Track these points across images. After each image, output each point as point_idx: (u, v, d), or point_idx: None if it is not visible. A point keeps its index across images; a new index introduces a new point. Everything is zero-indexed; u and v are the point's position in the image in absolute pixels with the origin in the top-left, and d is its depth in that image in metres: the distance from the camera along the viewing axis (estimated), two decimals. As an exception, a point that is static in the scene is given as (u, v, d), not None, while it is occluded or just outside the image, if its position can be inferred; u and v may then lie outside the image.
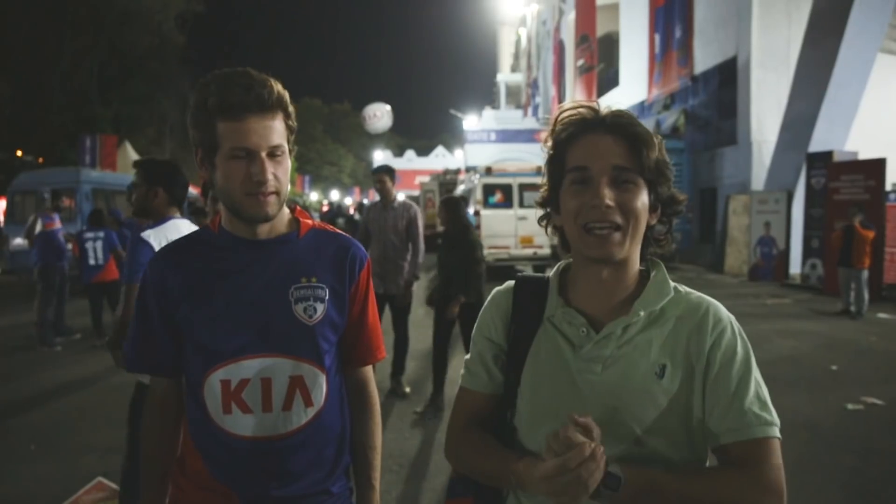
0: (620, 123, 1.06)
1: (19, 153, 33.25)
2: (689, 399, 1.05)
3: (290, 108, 1.30)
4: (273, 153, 1.26)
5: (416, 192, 34.08)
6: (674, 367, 1.05)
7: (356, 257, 1.41)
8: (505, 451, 1.10)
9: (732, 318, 1.10)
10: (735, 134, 15.20)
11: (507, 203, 13.69)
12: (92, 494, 3.59)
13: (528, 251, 13.68)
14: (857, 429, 4.65)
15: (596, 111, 1.09)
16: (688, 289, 1.14)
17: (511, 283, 1.25)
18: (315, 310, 1.33)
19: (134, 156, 23.21)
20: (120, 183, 12.57)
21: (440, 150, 51.70)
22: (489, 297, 1.27)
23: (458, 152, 44.88)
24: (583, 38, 25.10)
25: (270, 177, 1.25)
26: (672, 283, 1.12)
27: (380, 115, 22.06)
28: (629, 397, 1.05)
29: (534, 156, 29.61)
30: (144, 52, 32.62)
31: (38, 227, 7.79)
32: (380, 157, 50.09)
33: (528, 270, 14.98)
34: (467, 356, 1.26)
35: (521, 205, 13.65)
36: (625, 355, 1.07)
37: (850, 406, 5.10)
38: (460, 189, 17.24)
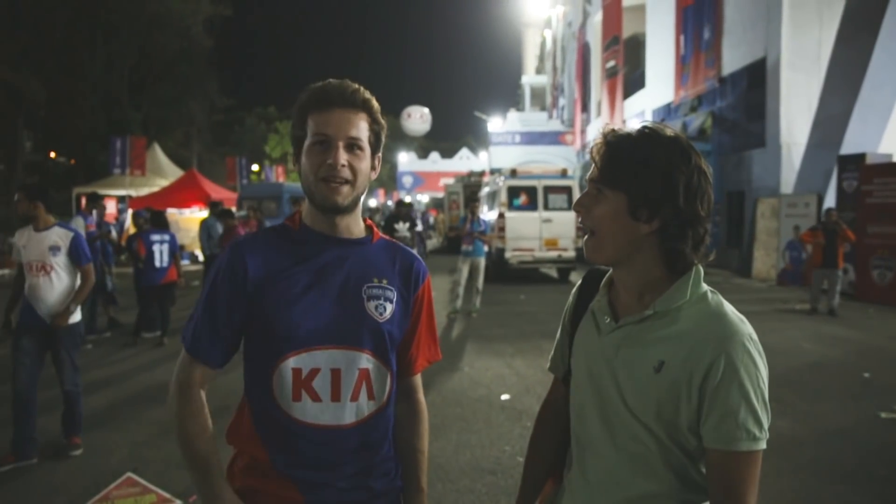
0: None
1: (52, 154, 34.12)
2: (678, 403, 1.09)
3: (378, 116, 1.38)
4: (351, 144, 1.33)
5: (441, 195, 34.15)
6: (670, 366, 1.10)
7: (419, 270, 1.50)
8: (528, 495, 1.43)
9: (750, 332, 1.10)
10: (764, 136, 14.95)
11: (531, 205, 13.68)
12: (122, 490, 3.67)
13: (553, 253, 13.65)
14: (891, 438, 4.54)
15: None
16: (720, 298, 1.15)
17: (584, 275, 1.41)
18: (385, 308, 1.40)
19: (163, 157, 23.61)
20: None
21: (465, 152, 51.57)
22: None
23: (483, 154, 44.80)
24: (614, 40, 24.90)
25: (344, 163, 1.31)
26: (704, 289, 1.15)
27: (422, 119, 22.42)
28: (631, 384, 1.14)
29: (559, 158, 29.51)
30: (173, 55, 33.25)
31: (81, 228, 7.88)
32: (404, 159, 50.20)
33: (553, 273, 14.93)
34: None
35: (546, 207, 13.65)
36: (631, 345, 1.16)
37: (883, 415, 4.98)
38: (485, 191, 17.21)
